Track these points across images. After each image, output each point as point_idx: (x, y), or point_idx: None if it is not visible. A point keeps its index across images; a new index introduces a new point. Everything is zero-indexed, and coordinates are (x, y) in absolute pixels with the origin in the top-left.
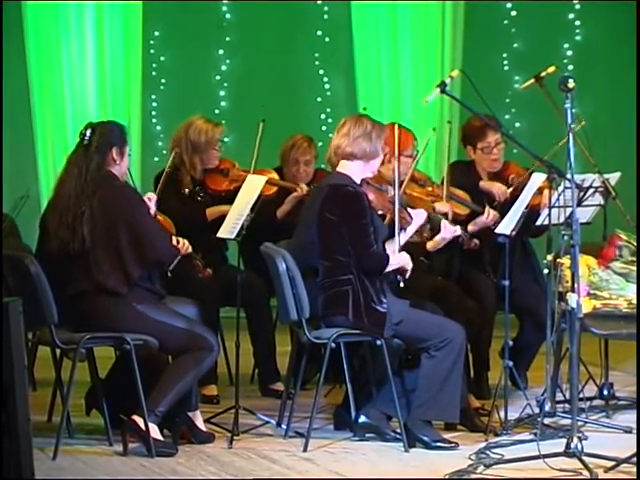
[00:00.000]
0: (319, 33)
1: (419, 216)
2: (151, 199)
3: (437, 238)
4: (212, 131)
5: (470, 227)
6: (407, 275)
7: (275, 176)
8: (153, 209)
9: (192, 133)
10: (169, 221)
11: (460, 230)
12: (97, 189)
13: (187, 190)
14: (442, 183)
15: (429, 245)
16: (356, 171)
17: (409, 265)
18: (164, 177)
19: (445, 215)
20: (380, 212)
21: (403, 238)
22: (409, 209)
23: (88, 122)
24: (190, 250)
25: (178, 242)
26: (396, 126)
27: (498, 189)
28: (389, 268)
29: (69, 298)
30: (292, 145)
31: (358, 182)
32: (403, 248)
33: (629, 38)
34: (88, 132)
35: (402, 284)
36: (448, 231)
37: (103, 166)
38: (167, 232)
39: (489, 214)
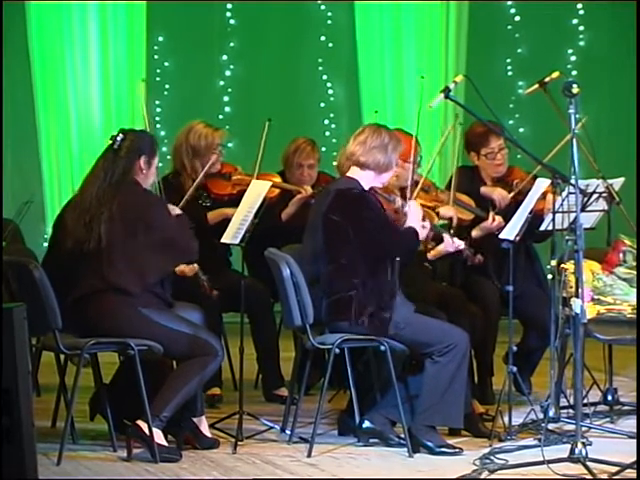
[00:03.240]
0: (322, 38)
1: (426, 228)
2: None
3: (439, 248)
4: (212, 135)
5: (474, 232)
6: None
7: (278, 179)
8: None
9: (192, 137)
10: None
11: (464, 246)
12: (118, 193)
13: (189, 195)
14: (448, 187)
15: (430, 254)
16: (366, 179)
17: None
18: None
19: (450, 219)
20: None
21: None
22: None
23: (120, 128)
24: (197, 269)
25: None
26: (413, 139)
27: (499, 195)
28: (422, 235)
29: (75, 301)
30: (295, 149)
31: (366, 188)
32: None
33: (633, 43)
34: (119, 137)
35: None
36: (451, 246)
37: (129, 172)
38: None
39: (494, 219)
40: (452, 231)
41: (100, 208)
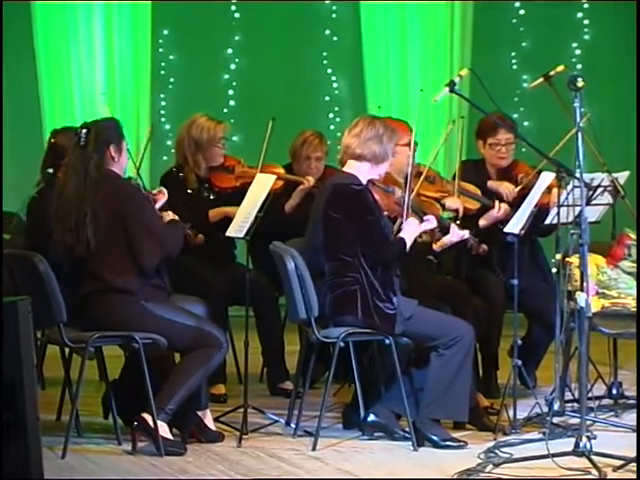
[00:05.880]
0: (327, 32)
1: (429, 222)
2: (164, 193)
3: (444, 239)
4: (214, 129)
5: (481, 222)
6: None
7: (281, 171)
8: (161, 203)
9: (194, 131)
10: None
11: (469, 235)
12: (98, 190)
13: (192, 189)
14: (453, 179)
15: (436, 245)
16: (363, 172)
17: (419, 228)
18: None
19: (456, 211)
20: (386, 213)
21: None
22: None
23: (82, 122)
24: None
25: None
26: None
27: (506, 189)
28: (408, 245)
29: (78, 300)
30: (303, 142)
31: (364, 182)
32: (411, 247)
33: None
34: (83, 133)
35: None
36: (456, 235)
37: (102, 166)
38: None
39: (500, 208)
40: (458, 222)
41: (83, 210)
